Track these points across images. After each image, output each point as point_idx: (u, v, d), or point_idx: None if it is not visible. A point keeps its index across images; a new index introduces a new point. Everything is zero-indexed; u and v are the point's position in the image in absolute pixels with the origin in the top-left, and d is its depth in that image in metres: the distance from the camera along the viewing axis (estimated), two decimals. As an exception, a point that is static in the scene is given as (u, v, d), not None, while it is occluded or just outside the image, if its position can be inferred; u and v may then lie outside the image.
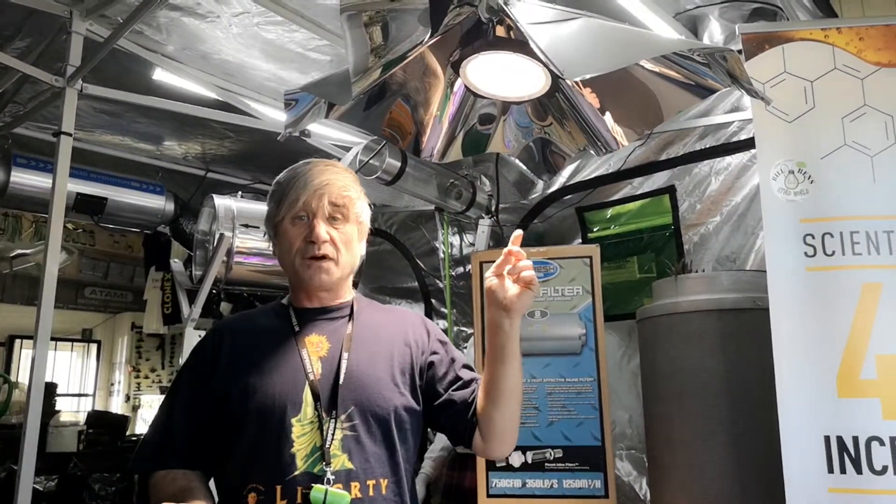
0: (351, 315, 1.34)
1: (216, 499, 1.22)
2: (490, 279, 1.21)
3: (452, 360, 1.37)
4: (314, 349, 1.27)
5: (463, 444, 1.32)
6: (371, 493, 1.20)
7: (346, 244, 1.30)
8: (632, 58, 1.27)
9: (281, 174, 1.35)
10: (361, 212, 1.35)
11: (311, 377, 1.23)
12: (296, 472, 1.17)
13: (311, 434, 1.19)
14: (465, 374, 1.35)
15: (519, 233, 1.20)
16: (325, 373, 1.24)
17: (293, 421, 1.19)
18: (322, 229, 1.26)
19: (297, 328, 1.30)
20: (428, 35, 1.26)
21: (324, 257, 1.27)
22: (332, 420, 1.20)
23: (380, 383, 1.26)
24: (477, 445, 1.30)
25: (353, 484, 1.18)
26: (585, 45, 1.19)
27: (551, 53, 1.12)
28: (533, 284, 1.18)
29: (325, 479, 1.16)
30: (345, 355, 1.26)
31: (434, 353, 1.36)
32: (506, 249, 1.19)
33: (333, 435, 1.19)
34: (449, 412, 1.31)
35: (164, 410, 1.30)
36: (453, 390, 1.32)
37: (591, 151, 1.57)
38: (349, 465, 1.19)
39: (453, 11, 1.27)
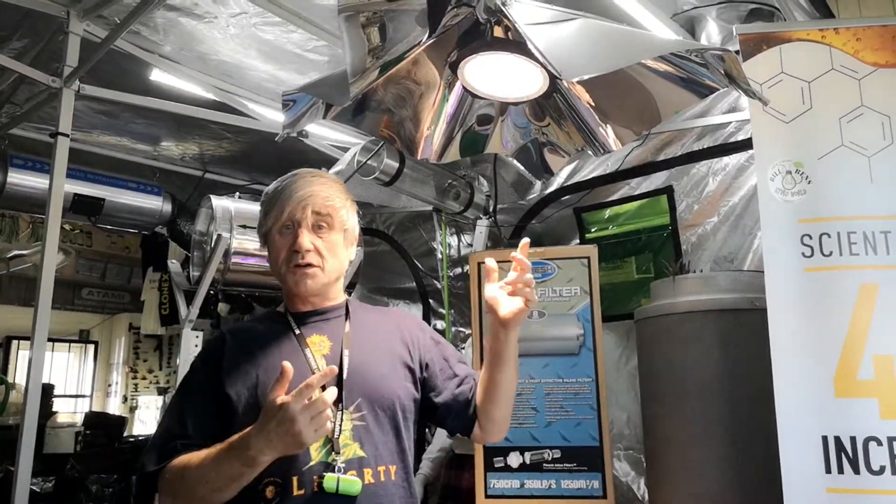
0: (347, 315, 1.40)
1: None
2: (492, 290, 1.28)
3: (447, 359, 1.45)
4: (317, 348, 1.33)
5: (464, 435, 1.43)
6: (382, 478, 1.27)
7: (330, 251, 1.35)
8: (629, 58, 1.27)
9: (270, 185, 1.40)
10: (347, 219, 1.40)
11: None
12: (311, 463, 1.22)
13: None
14: (461, 371, 1.44)
15: (526, 240, 1.27)
16: None
17: None
18: (306, 239, 1.32)
19: (297, 331, 1.35)
20: (426, 36, 1.26)
21: (308, 265, 1.33)
22: (341, 412, 1.26)
23: (382, 375, 1.34)
24: (476, 436, 1.42)
25: (365, 470, 1.25)
26: (583, 46, 1.19)
27: (549, 54, 1.12)
28: (531, 302, 1.25)
29: (336, 468, 1.21)
30: (346, 351, 1.32)
31: (430, 352, 1.43)
32: (514, 254, 1.25)
33: (342, 426, 1.25)
34: (452, 410, 1.40)
35: (175, 411, 1.30)
36: (454, 388, 1.41)
37: (589, 152, 1.57)
38: (361, 453, 1.26)
39: (451, 12, 1.27)
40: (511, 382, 1.35)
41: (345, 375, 1.29)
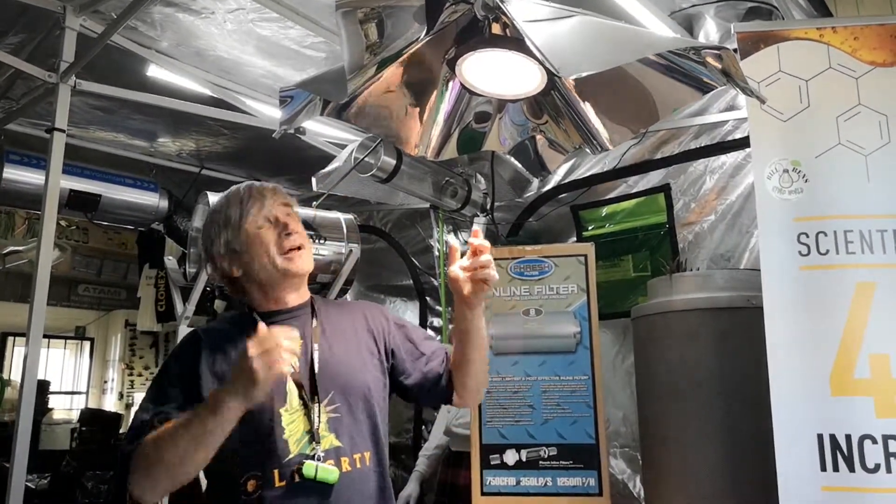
0: (313, 312, 1.46)
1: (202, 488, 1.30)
2: (454, 270, 1.35)
3: (413, 340, 1.52)
4: None
5: (445, 404, 1.54)
6: (358, 465, 1.33)
7: (304, 236, 1.44)
8: (627, 56, 1.27)
9: (219, 200, 1.46)
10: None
11: (291, 370, 1.28)
12: (290, 456, 1.27)
13: (298, 420, 1.31)
14: (428, 349, 1.52)
15: (476, 228, 1.36)
16: (302, 365, 1.35)
17: (281, 411, 1.30)
18: (294, 222, 1.42)
19: None
20: (423, 32, 1.25)
21: (300, 246, 1.41)
22: (317, 405, 1.31)
23: (353, 367, 1.41)
24: (456, 402, 1.51)
25: (342, 459, 1.31)
26: (581, 43, 1.19)
27: (547, 51, 1.12)
28: (489, 282, 1.31)
29: (316, 457, 1.27)
30: (315, 346, 1.38)
31: (395, 338, 1.51)
32: (470, 240, 1.33)
33: (319, 418, 1.31)
34: (424, 388, 1.48)
35: (152, 405, 1.28)
36: (423, 367, 1.49)
37: (587, 150, 1.57)
38: (337, 443, 1.32)
39: (449, 9, 1.27)
40: (482, 355, 1.44)
41: (316, 370, 1.34)
